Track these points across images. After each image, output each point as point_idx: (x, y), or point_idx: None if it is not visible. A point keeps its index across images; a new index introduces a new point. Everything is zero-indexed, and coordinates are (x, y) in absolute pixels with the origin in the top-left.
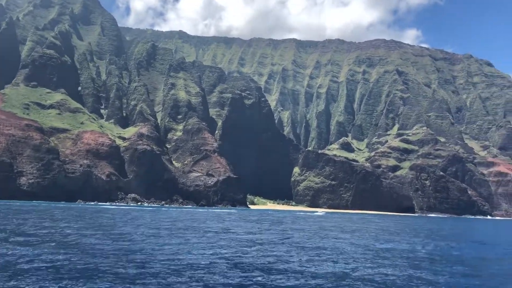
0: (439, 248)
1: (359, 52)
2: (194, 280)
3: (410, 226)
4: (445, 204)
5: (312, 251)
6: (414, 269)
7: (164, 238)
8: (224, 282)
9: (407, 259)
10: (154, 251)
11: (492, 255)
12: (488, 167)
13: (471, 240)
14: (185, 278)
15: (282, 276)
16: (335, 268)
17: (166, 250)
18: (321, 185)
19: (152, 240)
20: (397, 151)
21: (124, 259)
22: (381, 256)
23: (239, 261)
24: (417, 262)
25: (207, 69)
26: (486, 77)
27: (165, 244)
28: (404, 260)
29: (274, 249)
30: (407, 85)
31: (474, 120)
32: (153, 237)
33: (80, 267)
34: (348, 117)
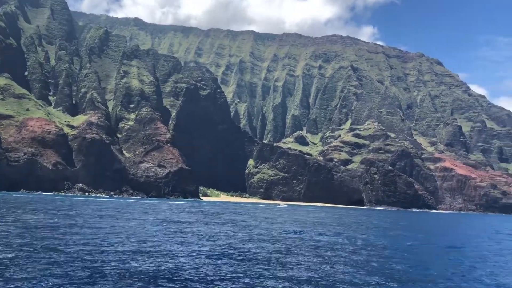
0: (343, 238)
1: (316, 47)
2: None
3: (345, 218)
4: (393, 197)
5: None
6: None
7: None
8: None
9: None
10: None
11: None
12: (434, 162)
13: (379, 232)
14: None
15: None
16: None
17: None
18: (275, 178)
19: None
20: (349, 146)
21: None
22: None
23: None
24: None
25: (162, 58)
26: (436, 76)
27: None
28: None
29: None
30: (361, 81)
31: (423, 117)
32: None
33: None
34: (304, 111)
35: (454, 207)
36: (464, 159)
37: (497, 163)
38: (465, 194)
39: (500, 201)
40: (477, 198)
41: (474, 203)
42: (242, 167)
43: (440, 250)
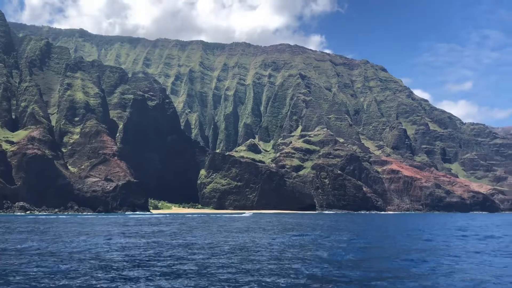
0: (259, 239)
1: (265, 56)
2: None
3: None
4: (343, 201)
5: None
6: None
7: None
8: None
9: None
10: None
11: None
12: (382, 165)
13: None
14: None
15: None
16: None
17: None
18: (228, 187)
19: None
20: (300, 152)
21: None
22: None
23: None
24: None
25: (108, 69)
26: (381, 82)
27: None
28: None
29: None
30: (310, 89)
31: (370, 122)
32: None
33: None
34: (255, 119)
35: (402, 208)
36: (410, 161)
37: (441, 164)
38: (412, 195)
39: (444, 200)
40: (423, 198)
41: (420, 203)
42: (194, 177)
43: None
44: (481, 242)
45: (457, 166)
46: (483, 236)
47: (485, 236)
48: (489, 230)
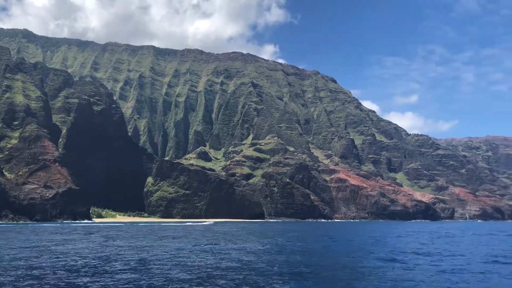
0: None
1: (218, 63)
2: None
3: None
4: (291, 209)
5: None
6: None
7: None
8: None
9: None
10: None
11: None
12: (330, 174)
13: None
14: None
15: None
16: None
17: None
18: (175, 195)
19: None
20: (250, 160)
21: None
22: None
23: None
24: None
25: (52, 72)
26: (331, 92)
27: None
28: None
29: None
30: (261, 97)
31: (320, 131)
32: None
33: None
34: (206, 126)
35: (349, 216)
36: (357, 170)
37: (386, 173)
38: (358, 203)
39: (389, 208)
40: (368, 206)
41: (366, 211)
42: (141, 185)
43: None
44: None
45: (402, 175)
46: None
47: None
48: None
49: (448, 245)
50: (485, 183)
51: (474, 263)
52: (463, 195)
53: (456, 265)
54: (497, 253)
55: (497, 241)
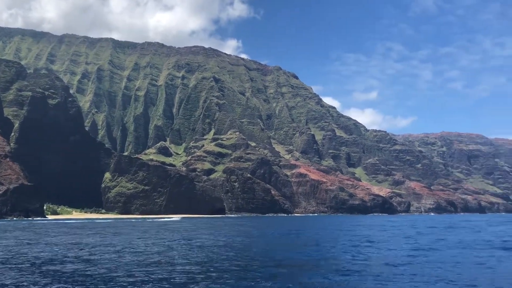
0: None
1: (179, 57)
2: None
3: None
4: (252, 204)
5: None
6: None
7: None
8: None
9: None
10: None
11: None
12: (291, 169)
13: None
14: None
15: None
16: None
17: None
18: (134, 191)
19: None
20: (212, 155)
21: None
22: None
23: None
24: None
25: (3, 64)
26: (292, 88)
27: None
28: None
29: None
30: (223, 92)
31: (282, 127)
32: None
33: None
34: (167, 121)
35: (309, 210)
36: (317, 165)
37: (346, 168)
38: (318, 198)
39: (347, 203)
40: (328, 200)
41: (326, 206)
42: (98, 181)
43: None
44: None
45: (361, 170)
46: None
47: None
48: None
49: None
50: (440, 177)
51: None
52: (418, 189)
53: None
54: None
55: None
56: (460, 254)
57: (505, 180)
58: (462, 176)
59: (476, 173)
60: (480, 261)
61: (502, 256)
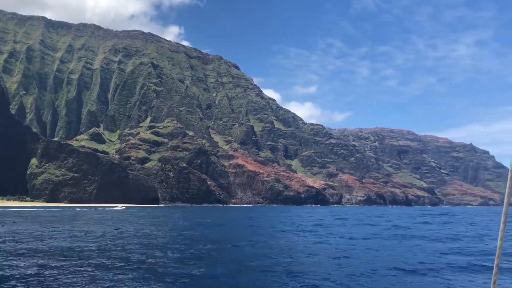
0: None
1: (116, 41)
2: None
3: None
4: (187, 194)
5: None
6: None
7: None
8: None
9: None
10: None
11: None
12: (229, 159)
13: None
14: None
15: None
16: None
17: None
18: (62, 178)
19: None
20: (147, 143)
21: None
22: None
23: None
24: None
25: None
26: (233, 79)
27: None
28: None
29: None
30: (161, 79)
31: (221, 117)
32: None
33: None
34: (101, 106)
35: (245, 201)
36: (255, 156)
37: (283, 160)
38: (254, 188)
39: (283, 194)
40: (263, 191)
41: (262, 196)
42: (23, 167)
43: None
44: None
45: (297, 162)
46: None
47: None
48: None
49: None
50: (371, 171)
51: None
52: (350, 181)
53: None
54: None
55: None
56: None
57: (431, 175)
58: (392, 170)
59: (405, 168)
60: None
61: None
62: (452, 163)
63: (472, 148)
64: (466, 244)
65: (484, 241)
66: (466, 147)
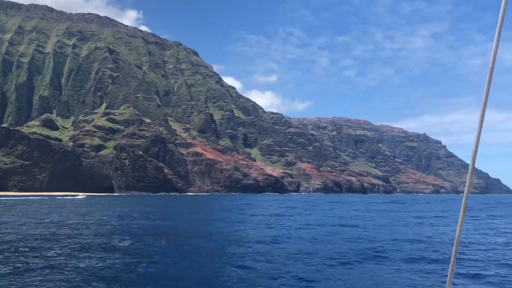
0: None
1: (70, 24)
2: None
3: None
4: (142, 182)
5: None
6: None
7: None
8: None
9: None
10: None
11: None
12: (187, 147)
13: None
14: None
15: None
16: None
17: None
18: (11, 166)
19: None
20: (102, 130)
21: None
22: None
23: None
24: None
25: None
26: (192, 65)
27: None
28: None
29: None
30: (118, 64)
31: (180, 104)
32: None
33: None
34: (54, 92)
35: (203, 189)
36: (214, 145)
37: (242, 148)
38: (213, 177)
39: (241, 182)
40: (222, 180)
41: (220, 185)
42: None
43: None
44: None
45: (256, 151)
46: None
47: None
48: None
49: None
50: (329, 159)
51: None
52: (308, 170)
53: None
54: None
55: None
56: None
57: (386, 163)
58: (349, 159)
59: (361, 157)
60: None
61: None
62: (406, 152)
63: (425, 138)
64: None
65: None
66: (419, 137)
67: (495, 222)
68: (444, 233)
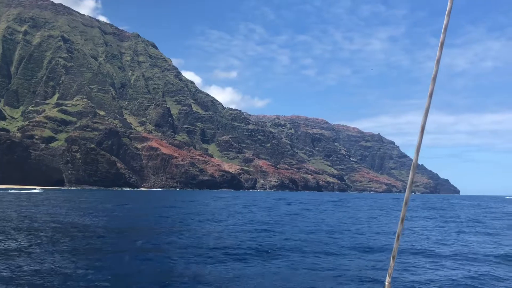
0: None
1: (22, 10)
2: None
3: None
4: (94, 176)
5: None
6: None
7: None
8: None
9: None
10: None
11: None
12: (142, 142)
13: None
14: None
15: None
16: None
17: None
18: None
19: None
20: (54, 122)
21: None
22: None
23: None
24: None
25: None
26: (151, 58)
27: None
28: None
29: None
30: (72, 54)
31: (136, 97)
32: None
33: None
34: (3, 80)
35: (158, 185)
36: (171, 140)
37: (200, 144)
38: (168, 172)
39: (197, 178)
40: (178, 175)
41: (176, 180)
42: None
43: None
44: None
45: (214, 147)
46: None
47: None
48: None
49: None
50: (286, 157)
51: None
52: (265, 167)
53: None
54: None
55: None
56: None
57: (341, 162)
58: (306, 157)
59: (317, 155)
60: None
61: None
62: (361, 152)
63: (380, 138)
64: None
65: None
66: (374, 137)
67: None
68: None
